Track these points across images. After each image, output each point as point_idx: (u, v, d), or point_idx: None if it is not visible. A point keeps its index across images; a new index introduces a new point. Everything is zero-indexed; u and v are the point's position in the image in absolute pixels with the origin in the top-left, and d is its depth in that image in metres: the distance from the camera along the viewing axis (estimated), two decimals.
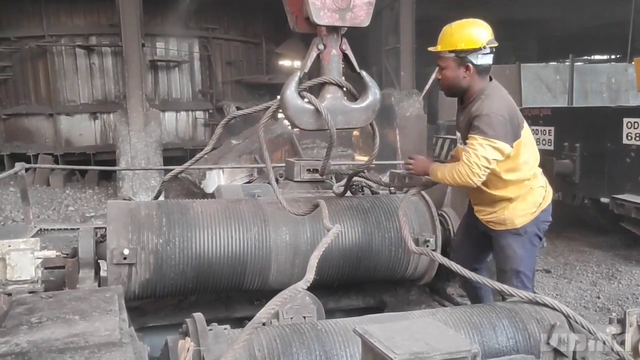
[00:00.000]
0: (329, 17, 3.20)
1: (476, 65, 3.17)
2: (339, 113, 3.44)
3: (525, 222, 3.26)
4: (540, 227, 3.32)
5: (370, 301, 4.16)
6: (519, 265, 3.29)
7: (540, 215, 3.29)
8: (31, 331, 1.85)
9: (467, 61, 3.16)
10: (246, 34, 17.26)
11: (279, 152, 11.17)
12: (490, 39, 3.19)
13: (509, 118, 3.09)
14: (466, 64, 3.16)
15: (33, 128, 14.78)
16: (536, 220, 3.28)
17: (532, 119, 9.09)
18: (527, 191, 3.27)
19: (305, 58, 3.40)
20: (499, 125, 3.04)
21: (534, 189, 3.29)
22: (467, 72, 3.19)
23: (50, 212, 11.32)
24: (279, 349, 2.17)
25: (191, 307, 3.76)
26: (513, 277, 3.31)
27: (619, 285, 6.77)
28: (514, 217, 3.27)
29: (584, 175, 8.15)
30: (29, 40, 14.51)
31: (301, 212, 3.45)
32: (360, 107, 3.51)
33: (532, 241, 3.31)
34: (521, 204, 3.26)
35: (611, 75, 14.83)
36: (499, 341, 2.46)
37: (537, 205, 3.28)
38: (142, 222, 3.37)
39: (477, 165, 3.03)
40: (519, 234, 3.28)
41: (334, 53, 3.39)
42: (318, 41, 3.37)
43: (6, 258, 2.98)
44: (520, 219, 3.26)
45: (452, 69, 3.23)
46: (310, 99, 3.38)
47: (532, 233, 3.29)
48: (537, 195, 3.29)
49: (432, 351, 1.62)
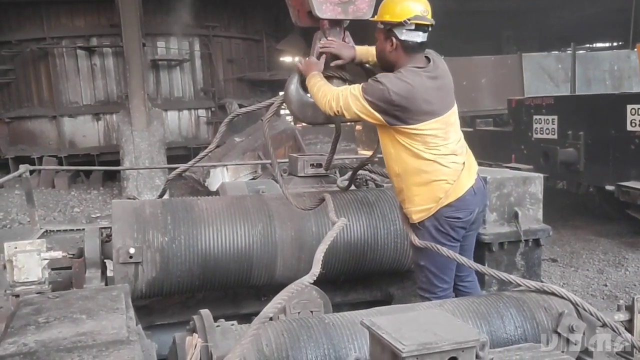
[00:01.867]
0: (331, 10, 3.20)
1: (401, 41, 2.98)
2: None
3: (422, 218, 3.06)
4: (443, 223, 3.03)
5: (377, 294, 4.16)
6: (419, 259, 3.12)
7: (441, 211, 3.01)
8: (39, 331, 1.86)
9: (392, 34, 2.99)
10: (246, 31, 17.24)
11: (282, 148, 11.16)
12: (416, 15, 2.94)
13: (395, 100, 2.87)
14: (391, 37, 3.01)
15: (37, 130, 14.81)
16: (437, 216, 3.02)
17: (534, 108, 9.08)
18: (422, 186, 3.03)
19: (310, 52, 3.40)
20: (379, 95, 2.88)
21: (432, 185, 3.02)
22: (392, 46, 3.02)
23: (55, 213, 11.36)
24: (286, 343, 2.18)
25: (198, 304, 3.76)
26: (417, 271, 3.20)
27: (625, 272, 6.76)
28: (412, 213, 3.10)
29: (589, 163, 8.13)
30: (30, 43, 14.53)
31: (307, 206, 3.45)
32: None
33: (435, 236, 3.03)
34: (416, 199, 3.06)
35: (613, 63, 14.75)
36: (507, 330, 2.46)
37: (436, 200, 3.01)
38: (147, 220, 3.37)
39: (338, 102, 2.95)
40: (418, 228, 3.09)
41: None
42: (320, 35, 3.37)
43: (13, 260, 2.99)
44: (417, 215, 3.07)
45: (380, 41, 3.11)
46: None
47: (432, 226, 3.03)
48: (436, 191, 3.01)
49: (440, 341, 1.62)
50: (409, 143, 2.98)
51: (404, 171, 3.05)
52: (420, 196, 3.04)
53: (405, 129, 2.95)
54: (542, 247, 4.31)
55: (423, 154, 2.98)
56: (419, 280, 3.20)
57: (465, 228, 3.14)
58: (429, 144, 2.98)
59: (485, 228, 3.96)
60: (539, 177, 4.30)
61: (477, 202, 3.13)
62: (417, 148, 2.97)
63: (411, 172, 3.03)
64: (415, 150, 2.98)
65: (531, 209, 4.18)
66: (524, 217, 4.08)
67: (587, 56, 16.46)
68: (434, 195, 3.01)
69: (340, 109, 2.97)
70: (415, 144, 2.97)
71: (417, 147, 2.97)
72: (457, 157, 3.08)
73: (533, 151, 8.95)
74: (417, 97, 2.91)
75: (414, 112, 2.92)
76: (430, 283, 3.12)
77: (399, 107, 2.89)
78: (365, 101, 2.91)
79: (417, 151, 2.98)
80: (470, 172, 3.12)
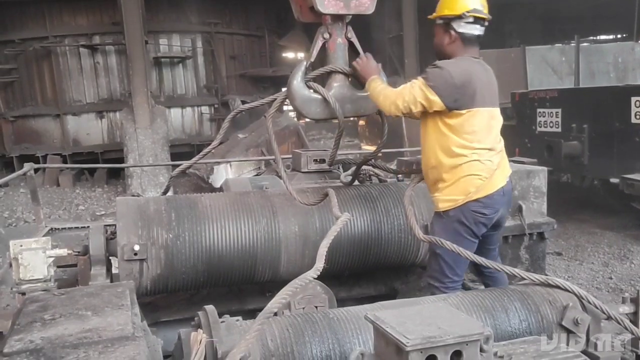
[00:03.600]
0: (333, 5, 3.20)
1: (459, 33, 3.13)
2: (347, 101, 3.44)
3: (447, 207, 3.14)
4: (468, 216, 3.11)
5: (381, 289, 4.16)
6: (437, 246, 3.12)
7: (469, 204, 3.10)
8: (45, 328, 1.87)
9: (450, 28, 3.13)
10: (249, 28, 17.23)
11: (285, 145, 11.15)
12: (475, 9, 3.10)
13: (457, 83, 3.02)
14: (449, 30, 3.14)
15: (41, 129, 14.85)
16: (464, 208, 3.11)
17: (538, 101, 9.04)
18: (457, 177, 3.11)
19: (311, 48, 3.40)
20: (442, 80, 3.02)
21: (466, 177, 3.10)
22: (450, 39, 3.16)
23: (60, 211, 11.39)
24: (291, 338, 2.18)
25: (203, 300, 3.77)
26: (431, 258, 3.27)
27: (631, 265, 6.75)
28: (439, 200, 3.19)
29: (593, 156, 8.11)
30: (33, 42, 14.57)
31: (311, 202, 3.45)
32: (367, 95, 3.51)
33: (456, 228, 3.12)
34: (447, 188, 3.14)
35: (618, 55, 14.68)
36: (511, 324, 2.45)
37: (466, 194, 3.09)
38: (151, 217, 3.38)
39: (403, 99, 3.06)
40: (441, 217, 3.19)
41: (340, 41, 3.39)
42: (323, 30, 3.37)
43: (19, 258, 3.01)
44: (444, 203, 3.16)
45: (438, 36, 3.22)
46: (317, 88, 3.38)
47: (456, 219, 3.12)
48: (468, 185, 3.10)
49: (445, 335, 1.62)
50: (454, 131, 3.07)
51: (441, 164, 3.13)
52: (452, 187, 3.12)
53: (459, 114, 3.04)
54: (547, 241, 4.31)
55: (465, 145, 3.06)
56: (430, 269, 3.27)
57: (487, 226, 3.20)
58: (474, 134, 3.07)
59: None
60: (542, 170, 4.30)
61: (503, 203, 3.23)
62: (461, 139, 3.06)
63: (448, 164, 3.10)
64: (459, 140, 3.06)
65: (535, 203, 4.18)
66: (528, 210, 4.08)
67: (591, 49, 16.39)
68: (465, 188, 3.09)
69: (407, 104, 3.06)
70: (460, 133, 3.06)
71: (460, 138, 3.06)
72: (494, 155, 3.17)
73: (537, 144, 8.92)
74: (474, 82, 3.05)
75: (470, 97, 3.03)
76: (442, 273, 3.18)
77: (459, 89, 3.01)
78: (427, 87, 3.01)
79: (460, 141, 3.06)
80: (503, 173, 3.22)
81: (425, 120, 3.19)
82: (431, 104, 3.03)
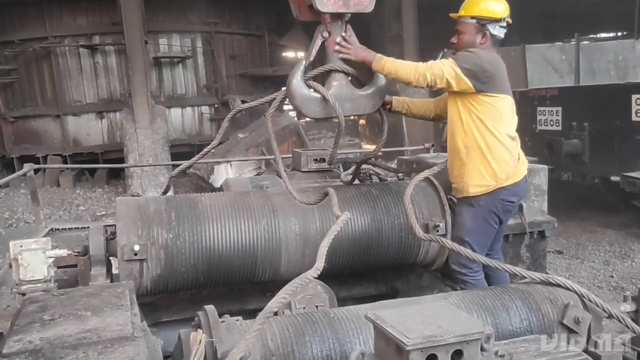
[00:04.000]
0: (332, 3, 3.19)
1: (492, 35, 3.37)
2: (346, 100, 3.43)
3: (479, 193, 3.32)
4: (497, 205, 3.34)
5: (382, 288, 4.16)
6: (465, 234, 3.36)
7: (499, 191, 3.31)
8: (44, 328, 1.86)
9: (486, 29, 3.36)
10: (248, 27, 17.21)
11: (285, 144, 11.15)
12: (507, 15, 3.39)
13: (486, 66, 3.24)
14: (484, 31, 3.36)
15: (41, 130, 14.84)
16: (493, 196, 3.31)
17: (539, 100, 9.03)
18: (486, 161, 3.30)
19: (310, 46, 3.40)
20: (472, 62, 3.23)
21: (496, 162, 3.31)
22: (484, 38, 3.37)
23: (61, 212, 11.39)
24: (292, 338, 2.18)
25: (204, 300, 3.76)
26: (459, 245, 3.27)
27: (632, 263, 6.74)
28: (469, 185, 3.34)
29: (594, 154, 8.09)
30: (32, 42, 14.55)
31: (311, 201, 3.45)
32: (367, 94, 3.50)
33: (486, 217, 3.35)
34: (478, 174, 3.32)
35: (618, 53, 14.63)
36: (512, 322, 2.45)
37: (497, 180, 3.30)
38: (151, 217, 3.37)
39: (432, 71, 3.21)
40: (472, 205, 3.35)
41: (339, 40, 3.38)
42: (322, 29, 3.36)
43: (19, 258, 3.00)
44: (475, 189, 3.33)
45: (470, 34, 3.39)
46: (316, 87, 3.38)
47: (487, 209, 3.33)
48: (498, 171, 3.30)
49: (445, 334, 1.61)
50: (484, 115, 3.26)
51: (471, 147, 3.31)
52: (484, 172, 3.30)
53: (488, 96, 3.25)
54: (547, 239, 4.30)
55: (493, 129, 3.27)
56: (454, 254, 3.34)
57: (512, 213, 3.48)
58: (501, 119, 3.29)
59: None
60: (543, 168, 4.29)
61: (524, 191, 3.50)
62: (490, 122, 3.26)
63: (478, 148, 3.30)
64: (488, 124, 3.26)
65: (536, 201, 4.17)
66: (529, 209, 4.07)
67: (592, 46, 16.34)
68: (497, 175, 3.30)
69: (434, 77, 3.22)
70: (489, 118, 3.26)
71: (489, 121, 3.26)
72: (516, 143, 3.41)
73: (538, 143, 8.90)
74: (501, 70, 3.31)
75: (498, 82, 3.28)
76: (468, 259, 3.22)
77: (488, 73, 3.23)
78: (459, 67, 3.20)
79: (489, 125, 3.26)
80: (524, 162, 3.46)
81: (455, 105, 3.36)
82: (459, 82, 3.21)
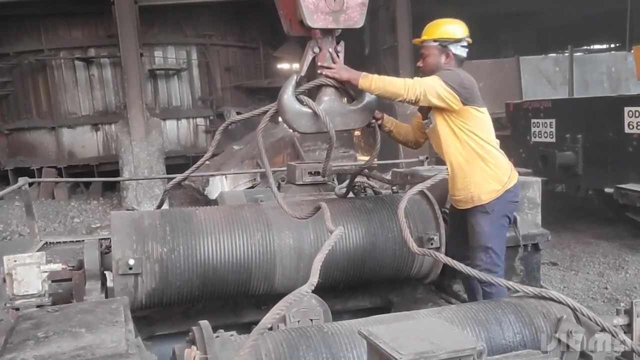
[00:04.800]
0: (322, 19, 3.21)
1: (455, 55, 3.53)
2: (337, 115, 3.45)
3: (491, 199, 3.45)
4: (507, 207, 3.52)
5: (377, 301, 4.16)
6: (487, 241, 3.47)
7: (506, 194, 3.48)
8: (38, 346, 1.86)
9: (448, 50, 3.52)
10: (243, 39, 17.28)
11: (280, 156, 11.16)
12: (467, 35, 3.57)
13: (466, 83, 3.40)
14: (447, 52, 3.52)
15: (36, 142, 14.83)
16: (503, 199, 3.47)
17: (532, 112, 9.08)
18: (489, 168, 3.46)
19: (301, 61, 3.42)
20: (456, 78, 3.37)
21: (497, 167, 3.48)
22: (448, 58, 3.53)
23: (56, 224, 11.35)
24: (285, 353, 2.18)
25: (199, 314, 3.76)
26: (482, 253, 3.50)
27: (626, 275, 6.76)
28: (480, 194, 3.45)
29: (587, 166, 8.13)
30: (28, 55, 14.57)
31: (303, 215, 3.45)
32: (357, 108, 3.52)
33: (501, 221, 3.52)
34: (484, 182, 3.46)
35: (611, 65, 14.77)
36: (505, 337, 2.46)
37: (503, 183, 3.47)
38: (146, 231, 3.37)
39: (422, 85, 3.31)
40: (487, 212, 3.47)
41: (328, 56, 3.40)
42: (313, 44, 3.38)
43: (12, 273, 2.99)
44: (487, 195, 3.45)
45: (434, 56, 3.55)
46: (307, 102, 3.39)
47: (500, 213, 3.49)
48: (501, 174, 3.48)
49: (437, 350, 1.62)
50: (475, 128, 3.44)
51: (470, 158, 3.46)
52: (490, 178, 3.46)
53: (474, 109, 3.43)
54: (541, 252, 4.31)
55: (486, 139, 3.46)
56: (480, 262, 3.47)
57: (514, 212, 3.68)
58: (488, 129, 3.50)
59: None
60: (536, 181, 4.30)
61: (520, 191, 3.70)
62: (481, 133, 3.45)
63: (477, 158, 3.45)
64: (480, 135, 3.44)
65: (529, 214, 4.19)
66: (523, 221, 4.08)
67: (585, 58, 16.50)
68: (501, 179, 3.47)
69: (423, 90, 3.32)
70: (479, 129, 3.45)
71: (480, 132, 3.45)
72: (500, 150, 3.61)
73: (531, 155, 8.94)
74: (475, 85, 3.49)
75: (477, 96, 3.46)
76: (494, 263, 3.47)
77: (469, 90, 3.40)
78: (446, 85, 3.34)
79: (482, 136, 3.45)
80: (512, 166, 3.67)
81: (445, 123, 3.48)
82: (448, 96, 3.33)
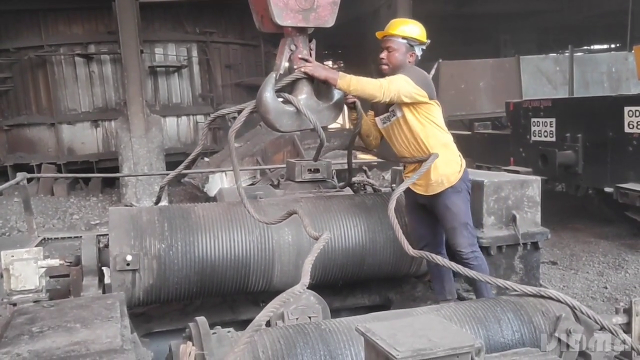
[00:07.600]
0: (291, 17, 3.20)
1: (416, 55, 3.77)
2: (313, 112, 3.42)
3: (457, 179, 3.66)
4: (468, 184, 3.76)
5: (375, 299, 4.15)
6: (465, 217, 3.66)
7: (465, 173, 3.72)
8: (32, 341, 1.85)
9: (413, 50, 3.73)
10: (244, 37, 17.23)
11: (280, 153, 11.15)
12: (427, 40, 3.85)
13: (427, 80, 3.65)
14: (412, 52, 3.73)
15: (35, 138, 14.80)
16: (464, 178, 3.71)
17: (532, 111, 9.07)
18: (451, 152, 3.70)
19: (277, 59, 3.40)
20: (420, 76, 3.60)
21: (455, 150, 3.74)
22: (412, 57, 3.74)
23: (55, 221, 11.33)
24: (283, 350, 2.17)
25: (197, 311, 3.75)
26: (463, 229, 3.65)
27: (625, 274, 6.74)
28: (449, 175, 3.63)
29: (587, 165, 8.11)
30: (28, 51, 14.52)
31: (272, 221, 3.35)
32: (329, 105, 3.52)
33: (468, 197, 3.76)
34: (451, 163, 3.66)
35: (611, 65, 14.73)
36: (504, 335, 2.45)
37: (460, 165, 3.70)
38: (144, 227, 3.37)
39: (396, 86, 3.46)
40: (459, 191, 3.66)
41: (305, 53, 3.39)
42: (289, 42, 3.37)
43: (10, 268, 2.98)
44: (454, 176, 3.65)
45: (401, 53, 3.70)
46: (289, 98, 3.36)
47: (467, 189, 3.73)
48: (456, 157, 3.73)
49: (435, 347, 1.61)
50: (435, 118, 3.67)
51: (436, 146, 3.64)
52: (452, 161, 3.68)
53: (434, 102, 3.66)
54: (541, 250, 4.31)
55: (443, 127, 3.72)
56: (463, 239, 3.62)
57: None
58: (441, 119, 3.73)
59: (483, 232, 3.97)
60: (536, 180, 4.29)
61: None
62: (439, 122, 3.69)
63: (441, 145, 3.66)
64: (439, 124, 3.69)
65: (529, 212, 4.18)
66: (522, 220, 4.08)
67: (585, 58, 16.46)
68: (459, 160, 3.72)
69: (397, 91, 3.48)
70: (438, 119, 3.68)
71: (439, 122, 3.69)
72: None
73: (531, 154, 8.92)
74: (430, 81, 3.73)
75: (435, 92, 3.71)
76: (473, 236, 3.69)
77: (431, 87, 3.66)
78: (416, 83, 3.53)
79: (440, 125, 3.70)
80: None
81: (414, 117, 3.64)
82: (419, 95, 3.54)
